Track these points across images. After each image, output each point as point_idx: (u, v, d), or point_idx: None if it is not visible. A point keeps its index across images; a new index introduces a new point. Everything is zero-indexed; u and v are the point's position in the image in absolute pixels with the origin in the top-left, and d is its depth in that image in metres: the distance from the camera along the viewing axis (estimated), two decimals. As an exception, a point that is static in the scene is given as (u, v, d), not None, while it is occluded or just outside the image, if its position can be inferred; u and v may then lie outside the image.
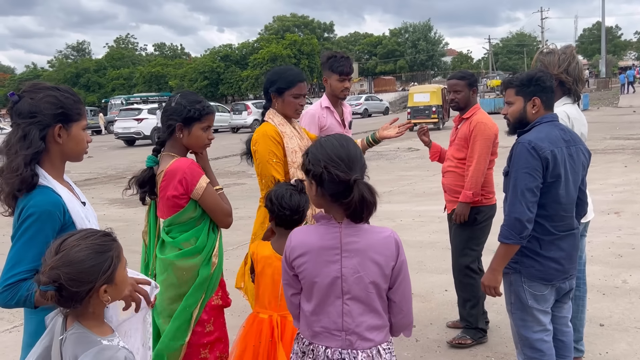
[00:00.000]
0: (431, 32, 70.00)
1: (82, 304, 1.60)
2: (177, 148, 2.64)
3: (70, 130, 1.97)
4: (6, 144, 1.92)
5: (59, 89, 1.98)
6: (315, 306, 1.93)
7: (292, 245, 1.93)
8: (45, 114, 1.90)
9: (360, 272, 1.86)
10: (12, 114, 1.95)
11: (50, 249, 1.62)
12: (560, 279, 2.68)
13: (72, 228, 1.88)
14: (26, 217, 1.81)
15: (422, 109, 24.15)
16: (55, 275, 1.54)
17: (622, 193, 8.64)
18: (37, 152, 1.88)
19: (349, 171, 1.80)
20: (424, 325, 4.29)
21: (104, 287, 1.62)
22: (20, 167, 1.83)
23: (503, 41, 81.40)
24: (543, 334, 2.71)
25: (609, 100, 33.81)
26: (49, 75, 72.21)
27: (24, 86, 1.99)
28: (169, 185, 2.53)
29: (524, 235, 2.56)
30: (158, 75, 59.93)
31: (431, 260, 5.91)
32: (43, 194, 1.86)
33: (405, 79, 63.25)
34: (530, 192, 2.53)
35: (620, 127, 18.84)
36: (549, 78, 2.71)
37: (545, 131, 2.62)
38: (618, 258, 5.58)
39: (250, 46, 55.89)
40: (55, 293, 1.55)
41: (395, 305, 1.94)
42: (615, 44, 74.74)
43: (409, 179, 11.40)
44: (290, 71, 3.29)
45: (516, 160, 2.59)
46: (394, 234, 1.92)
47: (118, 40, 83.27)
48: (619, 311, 4.32)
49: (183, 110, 2.57)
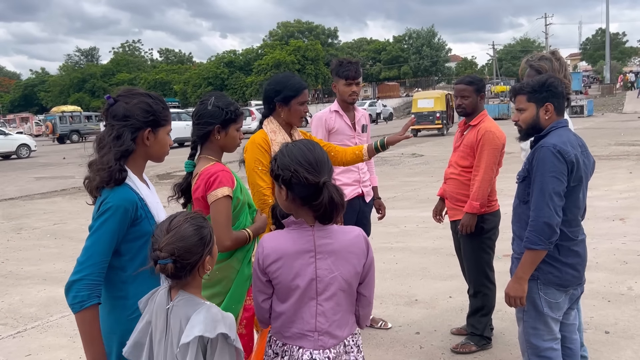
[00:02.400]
0: (435, 38, 70.06)
1: (191, 273, 1.82)
2: (213, 150, 2.71)
3: (157, 134, 2.14)
4: (99, 141, 2.09)
5: (150, 96, 2.15)
6: (289, 309, 1.96)
7: (265, 252, 1.94)
8: (138, 118, 2.07)
9: (335, 272, 1.92)
10: (107, 115, 2.11)
11: (160, 229, 1.83)
12: (575, 284, 2.68)
13: (146, 222, 2.03)
14: (104, 210, 1.95)
15: (426, 115, 24.15)
16: (171, 249, 1.77)
17: (627, 199, 8.61)
18: (127, 150, 2.05)
19: (317, 174, 1.86)
20: (427, 332, 4.27)
21: (208, 258, 1.86)
22: (110, 161, 1.99)
23: (507, 47, 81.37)
24: (553, 342, 2.70)
25: (613, 106, 33.76)
26: (55, 80, 72.66)
27: (119, 90, 2.17)
28: (200, 186, 2.60)
29: (553, 240, 2.52)
30: (162, 82, 60.18)
31: (435, 266, 5.89)
32: (122, 190, 2.00)
33: (409, 84, 63.25)
34: (558, 196, 2.50)
35: (624, 133, 18.80)
36: (560, 83, 2.68)
37: (566, 135, 2.60)
38: (623, 265, 5.55)
39: (255, 52, 56.11)
40: (172, 265, 1.76)
41: (364, 299, 2.03)
42: (621, 50, 74.56)
43: (413, 185, 11.39)
44: (294, 79, 3.30)
45: (541, 164, 2.53)
46: (362, 232, 2.00)
47: (124, 46, 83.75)
48: (624, 318, 4.29)
49: (221, 113, 2.65)
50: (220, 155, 2.76)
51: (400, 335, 4.24)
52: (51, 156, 24.81)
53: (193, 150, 2.77)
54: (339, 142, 4.03)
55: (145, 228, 2.03)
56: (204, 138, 2.71)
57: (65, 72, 74.07)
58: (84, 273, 1.91)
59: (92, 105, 62.76)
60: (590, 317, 4.32)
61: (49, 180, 16.38)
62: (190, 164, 2.77)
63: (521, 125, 2.73)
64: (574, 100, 29.19)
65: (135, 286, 2.02)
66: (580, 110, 28.41)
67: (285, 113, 3.23)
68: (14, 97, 78.06)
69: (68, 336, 4.67)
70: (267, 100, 3.29)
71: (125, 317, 2.01)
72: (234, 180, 2.67)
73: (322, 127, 3.98)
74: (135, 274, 2.01)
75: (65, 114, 38.15)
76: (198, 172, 2.66)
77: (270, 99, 3.26)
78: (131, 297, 2.01)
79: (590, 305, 4.54)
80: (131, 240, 2.01)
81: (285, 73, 3.47)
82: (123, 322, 2.01)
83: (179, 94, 55.82)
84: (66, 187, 14.47)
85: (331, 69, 4.03)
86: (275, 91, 3.23)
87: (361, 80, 4.11)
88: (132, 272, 2.01)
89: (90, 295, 1.90)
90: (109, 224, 1.94)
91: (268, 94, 3.27)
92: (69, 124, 37.25)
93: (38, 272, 6.70)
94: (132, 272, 2.01)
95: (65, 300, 1.95)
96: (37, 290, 5.98)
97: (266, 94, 3.29)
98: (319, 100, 56.03)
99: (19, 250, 7.90)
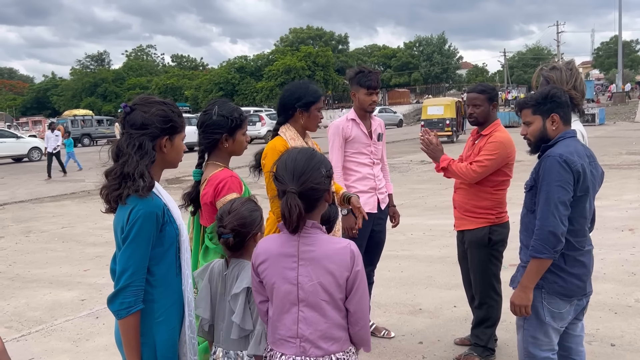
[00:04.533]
0: (445, 45, 69.97)
1: (245, 246, 2.24)
2: (221, 157, 2.78)
3: (174, 141, 2.18)
4: (118, 150, 2.10)
5: (166, 104, 2.18)
6: (274, 313, 2.00)
7: (257, 252, 2.04)
8: (157, 126, 2.10)
9: (314, 280, 1.92)
10: (124, 124, 2.13)
11: (224, 211, 2.24)
12: (579, 295, 2.67)
13: (169, 226, 2.09)
14: (137, 218, 1.99)
15: (435, 122, 24.09)
16: (232, 226, 2.19)
17: (637, 209, 8.51)
18: (153, 161, 2.10)
19: (286, 182, 1.91)
20: (431, 342, 4.23)
21: (258, 234, 2.27)
22: (142, 175, 2.02)
23: (519, 54, 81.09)
24: (550, 352, 2.70)
25: (625, 115, 33.46)
26: (67, 84, 73.31)
27: (134, 99, 2.20)
28: (208, 192, 2.63)
29: (558, 249, 2.53)
30: (173, 87, 60.55)
31: (441, 275, 5.85)
32: (150, 198, 2.04)
33: (419, 91, 63.17)
34: (563, 205, 2.51)
35: (636, 142, 18.63)
36: (563, 93, 2.70)
37: (573, 145, 2.61)
38: (631, 276, 5.48)
39: (265, 58, 56.29)
40: (232, 239, 2.18)
41: (351, 316, 1.98)
42: (632, 58, 74.03)
43: (421, 192, 11.34)
44: (312, 85, 3.36)
45: (547, 173, 2.55)
46: (351, 245, 1.96)
47: (137, 51, 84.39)
48: (631, 331, 4.23)
49: (227, 121, 2.71)
50: (227, 160, 2.81)
51: (403, 344, 4.21)
52: (62, 159, 24.94)
53: (200, 159, 2.81)
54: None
55: (169, 232, 2.09)
56: (211, 146, 2.76)
57: (76, 76, 74.69)
58: (129, 281, 1.97)
59: (104, 109, 63.27)
60: (597, 329, 4.27)
61: (59, 183, 16.52)
62: (198, 173, 2.81)
63: (530, 138, 2.74)
64: (585, 108, 28.87)
65: (161, 290, 2.08)
66: (592, 118, 28.19)
67: (304, 119, 3.29)
68: (27, 101, 78.84)
69: (72, 340, 4.68)
70: (287, 106, 3.31)
71: (153, 321, 2.05)
72: (242, 185, 2.71)
73: (339, 135, 4.02)
74: (161, 278, 2.07)
75: (77, 118, 38.56)
76: (206, 178, 2.70)
77: (290, 105, 3.29)
78: (157, 300, 2.06)
79: (596, 317, 4.48)
80: (158, 245, 2.06)
81: (301, 80, 3.49)
82: (150, 325, 2.05)
83: (190, 99, 56.11)
84: (76, 190, 14.57)
85: (350, 77, 4.05)
86: (297, 97, 3.26)
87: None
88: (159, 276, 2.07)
89: (136, 300, 1.98)
90: (144, 231, 1.99)
91: (288, 100, 3.29)
92: (81, 128, 37.60)
93: (44, 275, 6.74)
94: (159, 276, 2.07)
95: (109, 308, 2.02)
96: (43, 293, 6.02)
97: (286, 100, 3.31)
98: (329, 106, 56.09)
99: (26, 253, 7.95)
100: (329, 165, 2.02)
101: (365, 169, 4.10)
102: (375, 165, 4.18)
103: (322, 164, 1.98)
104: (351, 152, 4.06)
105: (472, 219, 3.77)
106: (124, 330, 2.00)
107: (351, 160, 4.08)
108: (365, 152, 4.08)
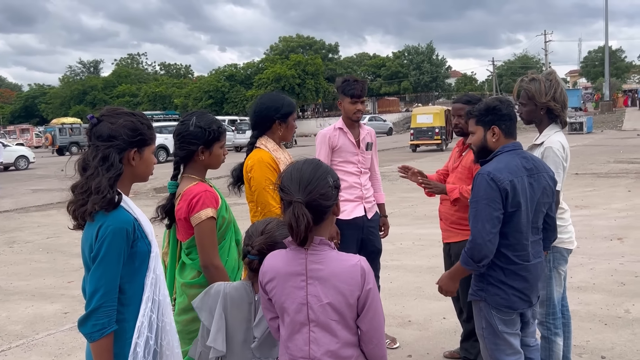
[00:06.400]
0: (434, 53, 70.33)
1: None
2: (197, 169, 2.68)
3: (143, 154, 2.10)
4: (83, 163, 2.02)
5: (134, 115, 2.11)
6: (285, 332, 1.94)
7: (264, 270, 1.97)
8: (124, 139, 2.02)
9: (324, 301, 1.84)
10: (90, 136, 2.06)
11: (256, 230, 2.16)
12: (523, 307, 2.77)
13: (141, 242, 1.99)
14: (106, 235, 1.91)
15: (425, 130, 24.17)
16: (261, 248, 2.09)
17: (625, 218, 8.52)
18: (119, 174, 2.00)
19: (292, 193, 1.84)
20: (420, 355, 4.17)
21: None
22: (106, 189, 1.93)
23: (507, 63, 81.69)
24: (515, 356, 2.78)
25: (612, 123, 33.78)
26: (56, 92, 72.79)
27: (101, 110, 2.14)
28: (182, 207, 2.55)
29: (483, 264, 2.65)
30: (163, 95, 60.32)
31: (430, 286, 5.79)
32: (118, 213, 1.96)
33: (409, 100, 63.39)
34: (490, 223, 2.60)
35: (624, 150, 18.75)
36: (507, 106, 2.80)
37: (505, 161, 2.69)
38: (621, 286, 5.45)
39: (255, 66, 56.23)
40: (257, 261, 2.07)
41: (364, 335, 1.91)
42: (619, 66, 74.79)
43: (411, 201, 11.31)
44: (286, 96, 3.37)
45: (476, 191, 2.67)
46: (362, 261, 1.88)
47: (126, 59, 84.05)
48: (621, 342, 4.19)
49: (204, 133, 2.62)
50: (203, 173, 2.72)
51: (392, 358, 4.13)
52: (49, 168, 24.72)
53: (176, 170, 2.72)
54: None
55: (141, 249, 2.00)
56: (187, 158, 2.67)
57: (65, 83, 74.21)
58: (101, 301, 1.89)
59: (92, 117, 62.70)
60: (587, 341, 4.23)
61: (45, 192, 16.32)
62: (173, 185, 2.72)
63: (473, 148, 2.91)
64: (572, 117, 29.22)
65: (133, 309, 1.98)
66: (579, 127, 28.45)
67: (282, 130, 3.29)
68: (14, 109, 78.19)
69: (53, 355, 4.57)
70: (265, 119, 3.28)
71: (125, 341, 1.96)
72: (218, 199, 2.62)
73: (326, 144, 4.04)
74: (132, 297, 1.98)
75: (65, 126, 38.20)
76: (181, 192, 2.61)
77: (269, 117, 3.26)
78: (129, 320, 1.97)
79: (586, 328, 4.44)
80: (129, 263, 1.97)
81: (273, 92, 3.52)
82: (122, 346, 1.96)
83: (179, 107, 55.85)
84: (62, 199, 14.38)
85: (337, 86, 4.10)
86: (275, 109, 3.25)
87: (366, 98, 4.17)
88: (130, 294, 1.98)
89: (110, 321, 1.91)
90: (114, 248, 1.91)
91: (267, 112, 3.26)
92: (69, 136, 37.34)
93: (27, 287, 6.60)
94: (130, 294, 1.98)
95: (80, 330, 1.93)
96: (25, 306, 5.89)
97: (265, 112, 3.27)
98: (319, 115, 56.12)
99: (9, 265, 7.80)
100: (336, 176, 1.96)
101: (352, 177, 4.09)
102: (363, 174, 4.15)
103: (329, 173, 1.92)
104: (338, 161, 4.04)
105: (458, 231, 3.68)
106: (97, 353, 1.91)
107: (338, 169, 4.04)
108: (353, 161, 4.06)
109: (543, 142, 3.20)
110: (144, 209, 2.10)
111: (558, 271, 3.23)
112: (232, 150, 31.16)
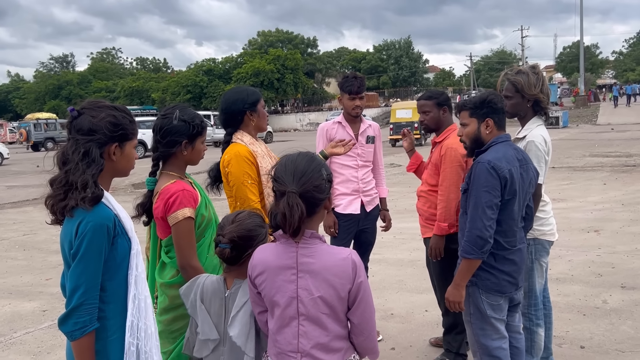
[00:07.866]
0: (411, 48, 70.64)
1: (243, 262, 2.10)
2: (177, 166, 2.61)
3: (124, 148, 2.05)
4: (62, 157, 1.97)
5: (117, 109, 2.05)
6: (275, 326, 1.93)
7: (253, 263, 1.95)
8: (105, 133, 1.97)
9: (315, 294, 1.84)
10: (70, 129, 2.00)
11: (227, 219, 2.17)
12: (511, 290, 2.85)
13: (121, 239, 1.95)
14: (86, 232, 1.86)
15: (404, 125, 24.22)
16: (232, 236, 2.09)
17: (601, 211, 8.68)
18: (101, 170, 1.96)
19: (286, 183, 1.84)
20: (403, 348, 4.20)
21: None
22: (89, 185, 1.89)
23: (484, 58, 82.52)
24: (501, 341, 2.86)
25: (587, 117, 34.33)
26: (30, 87, 71.42)
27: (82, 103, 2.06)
28: (159, 206, 2.49)
29: (485, 250, 2.70)
30: (139, 90, 59.54)
31: (412, 279, 5.84)
32: (99, 209, 1.91)
33: (388, 95, 63.59)
34: (490, 209, 2.68)
35: (599, 144, 19.08)
36: (500, 100, 2.88)
37: (502, 151, 2.77)
38: (598, 277, 5.56)
39: (234, 61, 55.83)
40: (229, 250, 2.09)
41: (355, 327, 1.92)
42: (593, 62, 76.04)
43: (391, 195, 11.27)
44: (247, 87, 3.34)
45: (476, 179, 2.72)
46: (353, 254, 1.88)
47: (102, 53, 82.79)
48: (599, 333, 4.27)
49: (188, 127, 2.56)
50: (183, 170, 2.65)
51: (376, 351, 4.16)
52: (24, 164, 24.28)
53: (155, 167, 2.64)
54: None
55: (122, 245, 1.95)
56: (167, 154, 2.59)
57: (39, 79, 72.80)
58: (82, 299, 1.85)
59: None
60: (566, 331, 4.30)
61: (20, 189, 16.02)
62: (152, 182, 2.64)
63: (465, 140, 2.94)
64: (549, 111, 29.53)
65: (114, 306, 1.95)
66: (555, 121, 28.82)
67: (255, 119, 3.23)
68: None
69: (32, 354, 4.49)
70: (235, 113, 3.19)
71: (107, 339, 1.93)
72: (196, 198, 2.55)
73: (323, 136, 4.19)
74: (113, 294, 1.93)
75: (40, 121, 37.43)
76: (158, 190, 2.54)
77: (238, 110, 3.18)
78: (110, 317, 1.93)
79: (565, 319, 4.52)
80: (110, 259, 1.92)
81: (233, 88, 3.44)
82: (104, 344, 1.92)
83: (157, 102, 55.20)
84: (38, 196, 14.13)
85: (338, 83, 4.26)
86: (242, 100, 3.18)
87: (364, 94, 4.27)
88: (111, 291, 1.93)
89: (91, 319, 1.87)
90: (95, 244, 1.87)
91: (236, 105, 3.18)
92: (44, 132, 36.57)
93: (4, 285, 6.48)
94: (111, 291, 1.93)
95: (61, 329, 1.89)
96: (2, 304, 5.78)
97: (234, 106, 3.18)
98: (299, 109, 56.02)
99: (-15, 263, 7.65)
100: (329, 170, 1.95)
101: (349, 171, 4.16)
102: (361, 168, 4.21)
103: (323, 166, 1.92)
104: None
105: (432, 226, 3.67)
106: (78, 351, 1.87)
107: (335, 162, 4.14)
108: (351, 155, 4.09)
109: (525, 136, 3.23)
110: (122, 205, 2.05)
111: (540, 263, 3.27)
112: (212, 146, 30.93)
